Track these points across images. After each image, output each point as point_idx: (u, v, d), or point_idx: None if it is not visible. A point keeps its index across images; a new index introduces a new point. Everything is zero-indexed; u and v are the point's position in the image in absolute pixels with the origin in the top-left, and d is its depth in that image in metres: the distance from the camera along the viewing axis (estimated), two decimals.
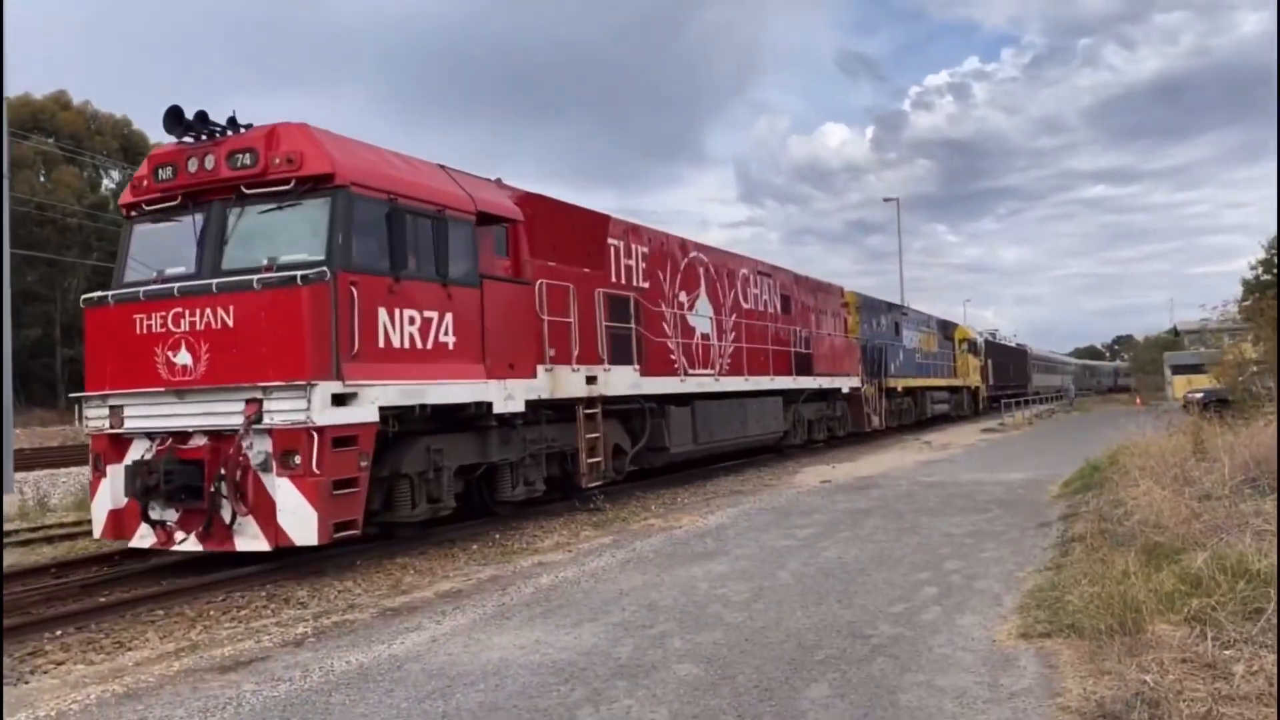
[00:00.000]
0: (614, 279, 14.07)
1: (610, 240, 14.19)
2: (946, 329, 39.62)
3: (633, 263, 14.75)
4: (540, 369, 11.56)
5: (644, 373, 14.33)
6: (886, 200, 54.74)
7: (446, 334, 9.90)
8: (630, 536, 10.71)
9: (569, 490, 13.25)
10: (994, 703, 4.68)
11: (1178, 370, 47.77)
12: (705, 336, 16.82)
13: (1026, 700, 4.68)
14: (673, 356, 15.43)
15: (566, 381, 12.22)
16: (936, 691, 4.88)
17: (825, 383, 22.80)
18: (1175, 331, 61.79)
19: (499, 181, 12.23)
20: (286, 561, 9.54)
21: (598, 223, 14.03)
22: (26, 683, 5.96)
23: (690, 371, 15.96)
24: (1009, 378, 53.21)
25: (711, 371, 16.83)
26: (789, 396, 20.59)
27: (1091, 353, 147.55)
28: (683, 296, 16.26)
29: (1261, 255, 26.44)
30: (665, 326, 15.38)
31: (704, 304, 17.05)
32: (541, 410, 11.88)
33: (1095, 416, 39.46)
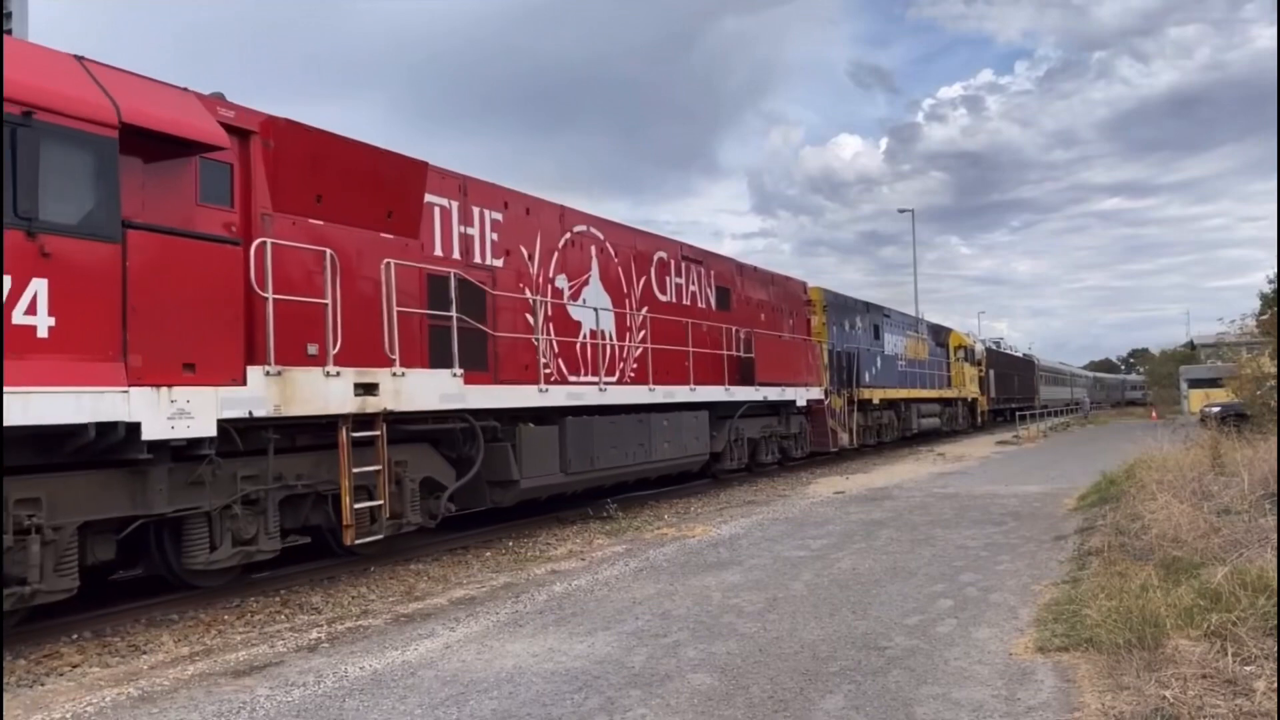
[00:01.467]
0: (437, 251, 10.59)
1: (433, 199, 10.58)
2: (939, 334, 36.15)
3: (474, 232, 11.26)
4: (255, 371, 7.84)
5: (493, 379, 11.03)
6: (901, 211, 54.43)
7: (34, 313, 6.32)
8: (644, 545, 10.69)
9: (340, 545, 9.35)
10: (1011, 717, 4.64)
11: (1194, 384, 47.45)
12: (598, 334, 13.41)
13: (1044, 715, 4.64)
14: (542, 360, 12.07)
15: (314, 391, 8.36)
16: (953, 705, 4.84)
17: (773, 394, 18.58)
18: (1192, 345, 61.36)
19: (218, 97, 8.36)
20: (301, 568, 9.57)
21: (407, 173, 9.92)
22: (42, 684, 5.98)
23: (572, 379, 12.77)
24: (1014, 390, 49.90)
25: (609, 379, 13.60)
26: (721, 410, 16.86)
27: (1107, 366, 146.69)
28: (562, 282, 12.90)
29: (1277, 269, 26.24)
30: (529, 319, 12.02)
31: (597, 293, 13.76)
32: (268, 433, 8.25)
33: (1110, 430, 39.24)
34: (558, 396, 12.17)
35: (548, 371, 12.19)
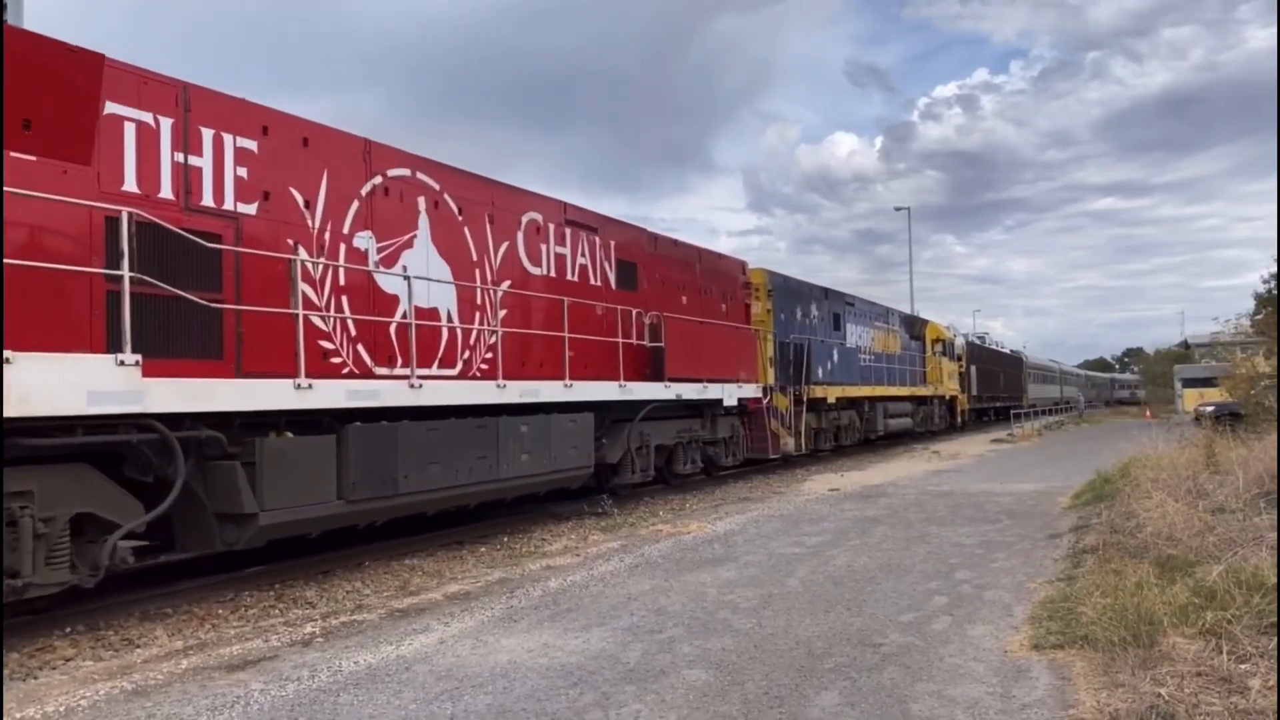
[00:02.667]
0: (129, 186, 7.46)
1: (125, 111, 7.47)
2: (913, 326, 32.89)
3: (204, 163, 8.08)
4: None
5: (235, 370, 8.00)
6: (898, 209, 54.64)
7: None
8: (639, 541, 10.68)
9: None
10: (1006, 714, 4.64)
11: (1188, 384, 47.64)
12: (426, 313, 10.30)
13: (1039, 712, 4.64)
14: (326, 345, 9.01)
15: None
16: (948, 702, 4.84)
17: (691, 391, 15.31)
18: (1186, 345, 61.59)
19: None
20: (295, 562, 9.55)
21: (62, 68, 6.95)
22: (35, 678, 5.96)
23: (381, 370, 9.61)
24: (999, 388, 47.07)
25: (448, 370, 10.61)
26: (617, 412, 13.86)
27: (1101, 365, 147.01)
28: (365, 242, 9.65)
29: (1274, 269, 26.33)
30: (311, 293, 8.86)
31: (426, 260, 10.48)
32: None
33: (1104, 429, 39.34)
34: (329, 395, 8.59)
35: (337, 361, 9.09)
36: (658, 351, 14.63)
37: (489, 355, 11.23)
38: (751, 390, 17.73)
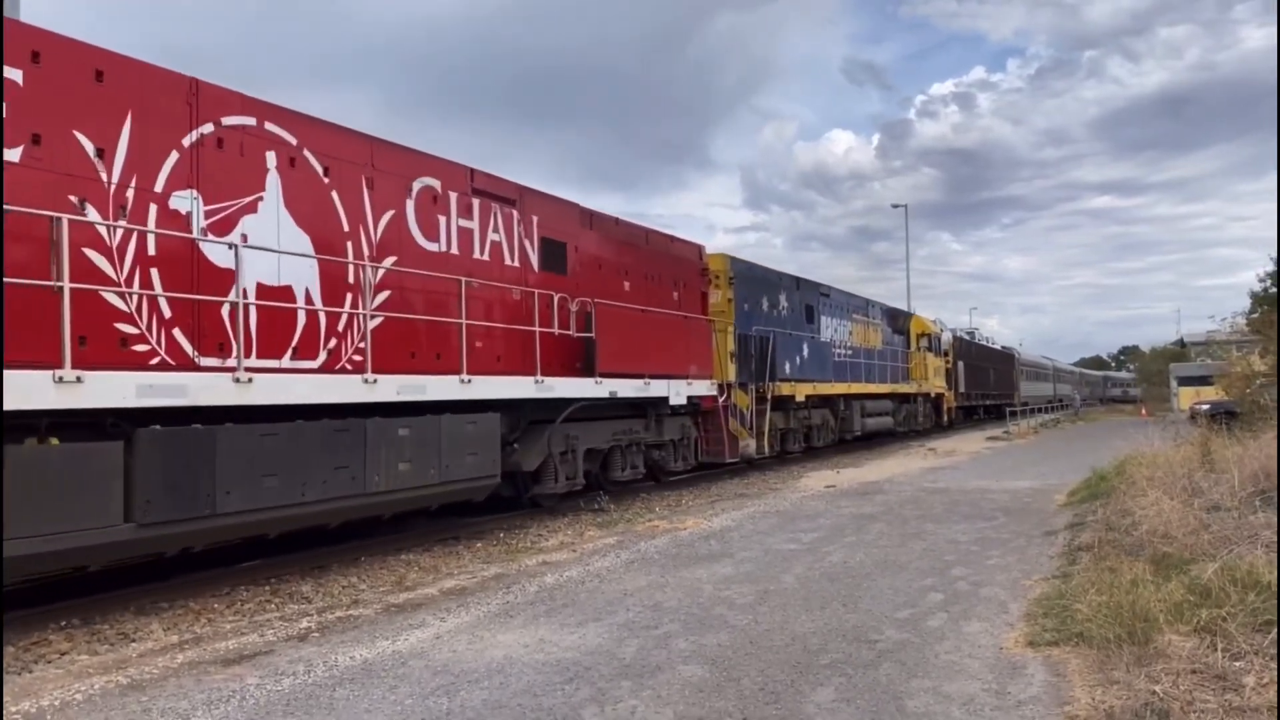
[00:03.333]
0: None
1: None
2: (896, 319, 31.09)
3: None
4: None
5: None
6: (895, 206, 54.68)
7: None
8: (635, 537, 10.69)
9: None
10: (1002, 710, 4.65)
11: (1184, 382, 47.80)
12: (274, 292, 8.54)
13: (1034, 709, 4.65)
14: (126, 329, 7.35)
15: None
16: (943, 698, 4.85)
17: (628, 388, 13.49)
18: (1182, 343, 61.76)
19: None
20: (291, 556, 9.54)
21: None
22: (30, 672, 5.95)
23: (207, 361, 7.88)
24: (989, 385, 45.27)
25: (306, 361, 8.79)
26: (534, 411, 12.10)
27: (1097, 363, 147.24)
28: (188, 203, 7.93)
29: (1270, 268, 26.39)
30: (105, 263, 7.24)
31: (278, 227, 8.71)
32: None
33: (1100, 427, 39.40)
34: (107, 390, 6.86)
35: (142, 350, 7.41)
36: (590, 343, 12.77)
37: (357, 344, 9.37)
38: (705, 387, 15.94)
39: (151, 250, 7.58)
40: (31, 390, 6.38)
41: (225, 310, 8.07)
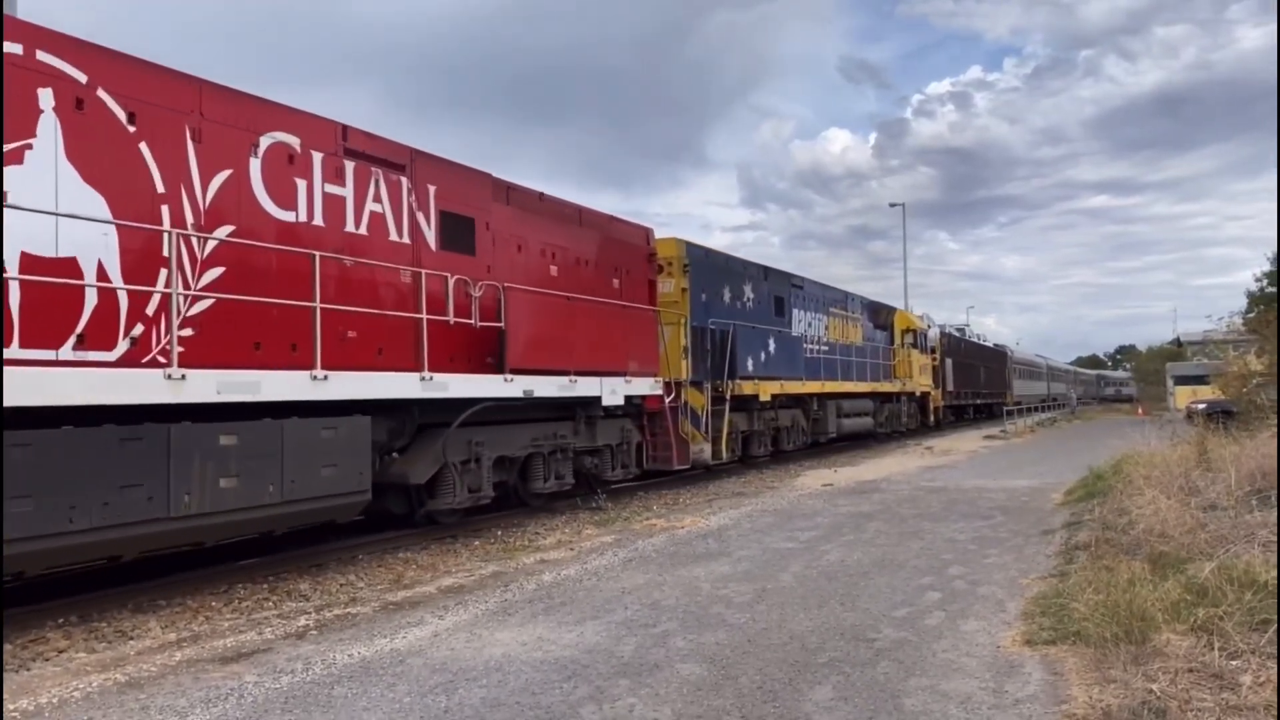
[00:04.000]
0: None
1: None
2: (878, 314, 29.51)
3: None
4: None
5: None
6: (893, 205, 54.58)
7: None
8: (633, 536, 10.69)
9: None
10: (999, 709, 4.66)
11: (1181, 381, 47.88)
12: (50, 265, 6.81)
13: (1032, 707, 4.66)
14: None
15: None
16: (941, 697, 4.86)
17: (549, 387, 11.66)
18: (1179, 342, 61.85)
19: None
20: (289, 554, 9.54)
21: None
22: (28, 669, 5.95)
23: None
24: (979, 383, 43.57)
25: (101, 354, 7.10)
26: (428, 413, 10.32)
27: (1094, 362, 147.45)
28: None
29: (1267, 267, 26.46)
30: None
31: (56, 183, 7.00)
32: None
33: (1097, 426, 39.45)
34: None
35: None
36: (493, 335, 10.92)
37: (190, 333, 7.67)
38: (649, 386, 14.12)
39: None
40: None
41: None
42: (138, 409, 7.04)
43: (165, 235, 7.53)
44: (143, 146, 7.66)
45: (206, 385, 7.53)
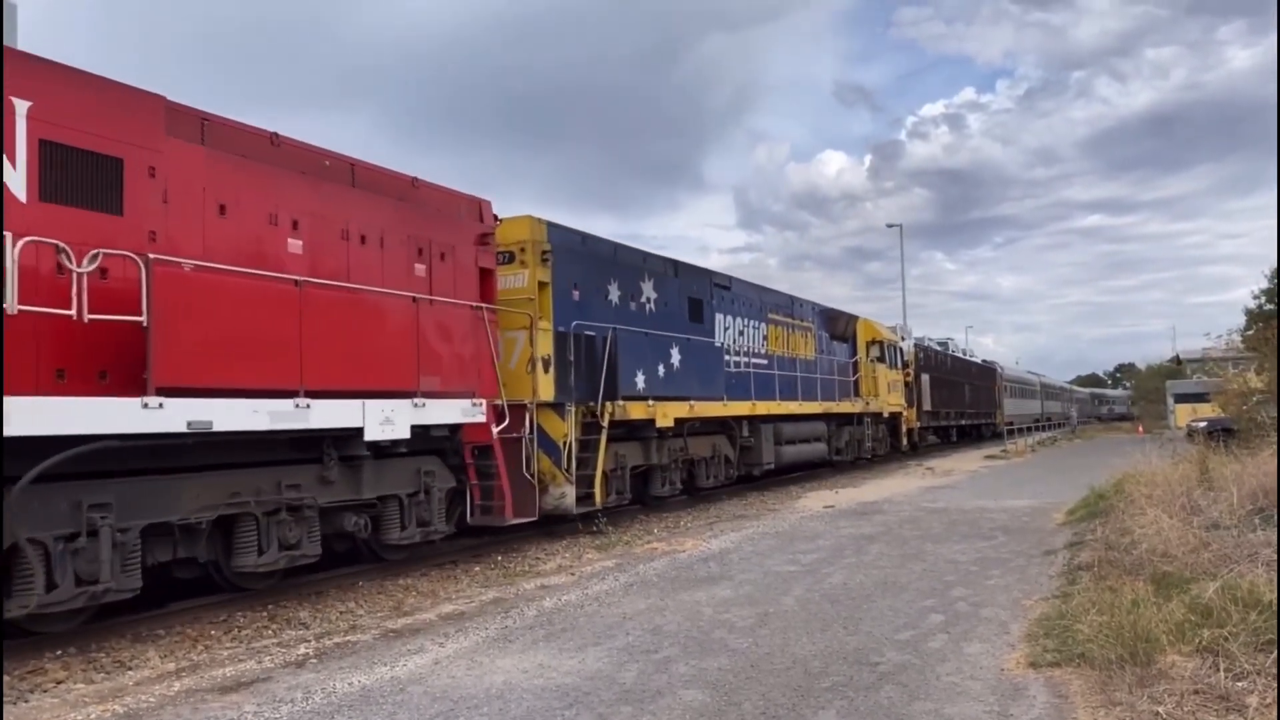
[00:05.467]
0: None
1: None
2: (835, 323, 25.26)
3: None
4: None
5: None
6: (890, 226, 54.55)
7: None
8: (633, 560, 10.65)
9: None
10: None
11: (1181, 399, 47.78)
12: None
13: None
14: None
15: None
16: None
17: (254, 415, 7.79)
18: (1178, 360, 61.83)
19: None
20: (289, 582, 9.50)
21: None
22: (26, 701, 5.91)
23: None
24: (963, 402, 40.02)
25: None
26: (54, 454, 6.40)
27: (1094, 381, 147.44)
28: None
29: (1264, 284, 26.48)
30: None
31: None
32: None
33: (1097, 444, 39.41)
34: None
35: None
36: (146, 334, 7.02)
37: None
38: (458, 411, 10.12)
39: None
40: None
41: None
42: None
43: None
44: None
45: None
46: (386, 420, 9.18)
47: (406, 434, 9.40)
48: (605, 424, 13.11)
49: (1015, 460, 29.68)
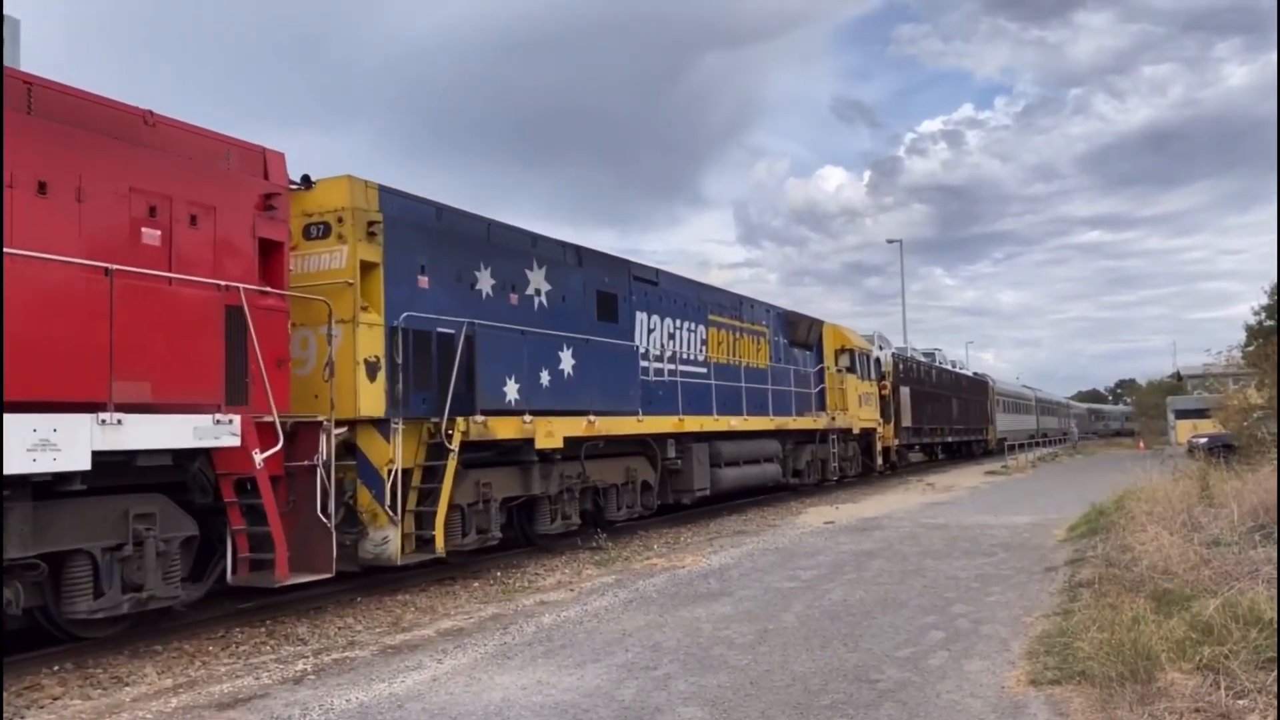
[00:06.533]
0: None
1: None
2: (796, 328, 22.20)
3: None
4: None
5: None
6: (890, 242, 54.48)
7: None
8: (633, 576, 10.62)
9: None
10: None
11: (1181, 415, 47.77)
12: None
13: None
14: None
15: None
16: None
17: None
18: (1179, 376, 61.82)
19: None
20: (287, 598, 9.47)
21: None
22: (23, 718, 5.89)
23: None
24: (951, 418, 37.34)
25: None
26: None
27: (1094, 396, 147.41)
28: None
29: (1265, 300, 26.51)
30: None
31: None
32: None
33: (1098, 460, 39.37)
34: None
35: None
36: None
37: None
38: (195, 431, 7.49)
39: None
40: None
41: None
42: None
43: None
44: None
45: None
46: (43, 444, 6.37)
47: (85, 464, 6.63)
48: (455, 446, 10.04)
49: (1016, 476, 29.64)
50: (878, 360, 27.92)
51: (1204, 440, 27.30)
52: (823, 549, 12.45)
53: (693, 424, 15.77)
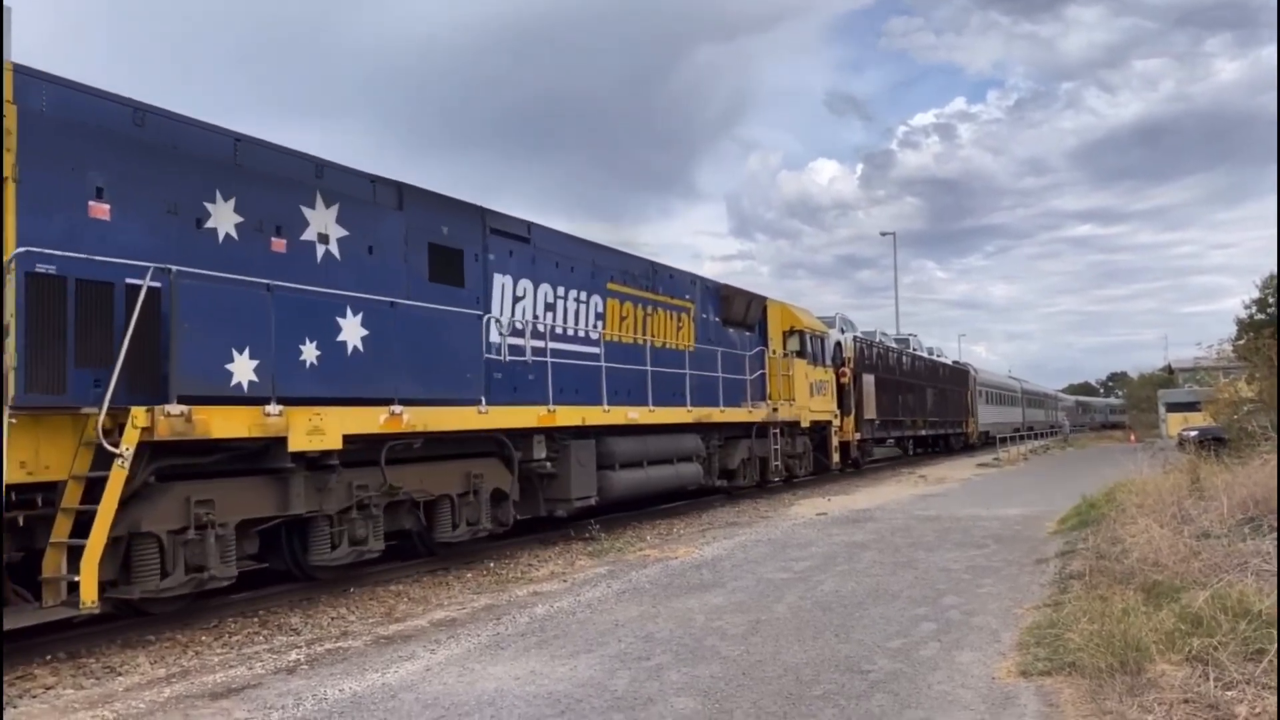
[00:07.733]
0: None
1: None
2: (731, 305, 18.95)
3: None
4: None
5: None
6: (884, 235, 54.45)
7: None
8: (626, 567, 10.64)
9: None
10: None
11: (1172, 408, 47.96)
12: None
13: None
14: None
15: None
16: None
17: None
18: (1170, 369, 62.11)
19: None
20: (280, 588, 9.48)
21: None
22: (14, 707, 5.88)
23: None
24: (924, 409, 34.40)
25: None
26: None
27: (1086, 389, 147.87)
28: None
29: (1256, 294, 26.62)
30: None
31: None
32: None
33: (1089, 453, 39.54)
34: None
35: None
36: None
37: None
38: None
39: None
40: None
41: None
42: None
43: None
44: None
45: None
46: None
47: None
48: (125, 449, 6.95)
49: (1008, 468, 29.76)
50: (837, 344, 24.97)
51: (1195, 433, 27.40)
52: (815, 540, 12.49)
53: (568, 416, 12.50)
